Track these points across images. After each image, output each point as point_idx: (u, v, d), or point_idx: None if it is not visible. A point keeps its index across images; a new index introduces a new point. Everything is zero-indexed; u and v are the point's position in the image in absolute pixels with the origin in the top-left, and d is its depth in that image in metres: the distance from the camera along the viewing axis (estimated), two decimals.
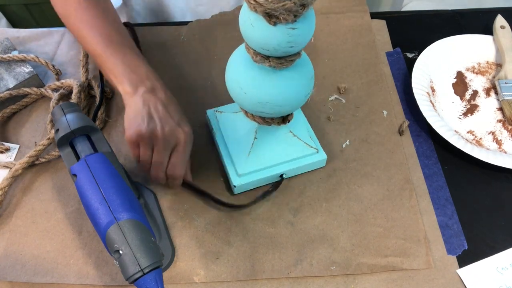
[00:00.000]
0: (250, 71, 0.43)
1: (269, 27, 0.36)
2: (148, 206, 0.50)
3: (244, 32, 0.40)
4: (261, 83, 0.42)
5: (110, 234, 0.36)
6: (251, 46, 0.40)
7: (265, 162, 0.51)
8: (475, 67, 0.65)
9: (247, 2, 0.36)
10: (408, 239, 0.48)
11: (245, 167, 0.50)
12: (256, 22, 0.37)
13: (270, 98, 0.43)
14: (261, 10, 0.35)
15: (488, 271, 0.46)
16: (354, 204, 0.51)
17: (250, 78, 0.43)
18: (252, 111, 0.47)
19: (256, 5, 0.35)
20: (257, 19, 0.37)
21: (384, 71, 0.64)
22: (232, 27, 0.69)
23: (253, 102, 0.44)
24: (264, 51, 0.39)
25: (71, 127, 0.40)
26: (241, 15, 0.39)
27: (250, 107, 0.45)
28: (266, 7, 0.35)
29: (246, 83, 0.43)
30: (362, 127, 0.58)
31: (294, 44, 0.38)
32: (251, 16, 0.37)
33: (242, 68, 0.44)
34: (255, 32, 0.38)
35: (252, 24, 0.37)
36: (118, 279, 0.46)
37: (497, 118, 0.59)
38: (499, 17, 0.67)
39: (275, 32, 0.37)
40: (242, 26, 0.39)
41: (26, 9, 1.15)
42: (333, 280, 0.46)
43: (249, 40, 0.40)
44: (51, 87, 0.61)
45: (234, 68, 0.45)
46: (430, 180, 0.53)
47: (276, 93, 0.43)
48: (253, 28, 0.38)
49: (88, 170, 0.38)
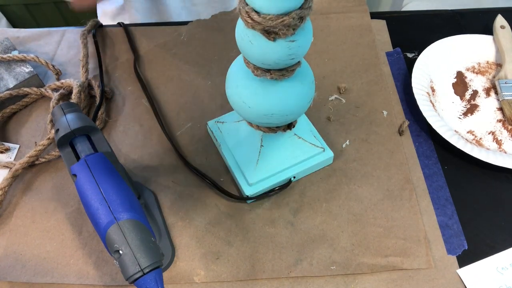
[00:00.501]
0: (252, 85, 0.42)
1: (269, 43, 0.36)
2: (148, 206, 0.50)
3: (242, 49, 0.39)
4: (265, 95, 0.42)
5: (110, 234, 0.36)
6: (251, 61, 0.40)
7: (274, 168, 0.50)
8: (475, 67, 0.65)
9: (244, 20, 0.35)
10: (408, 239, 0.48)
11: (255, 176, 0.50)
12: (255, 39, 0.36)
13: (276, 109, 0.42)
14: (260, 28, 0.35)
15: (488, 271, 0.46)
16: (354, 204, 0.51)
17: (253, 92, 0.42)
18: (258, 122, 0.46)
19: (254, 24, 0.35)
20: (255, 35, 0.36)
21: (384, 71, 0.64)
22: (233, 27, 0.69)
23: (259, 115, 0.43)
24: (265, 65, 0.39)
25: (71, 127, 0.40)
26: (237, 32, 0.39)
27: (256, 119, 0.45)
28: (265, 25, 0.34)
29: (249, 97, 0.42)
30: (362, 127, 0.58)
31: (295, 56, 0.38)
32: (249, 33, 0.37)
33: (242, 82, 0.43)
34: (254, 49, 0.37)
35: (250, 41, 0.37)
36: (118, 279, 0.46)
37: (497, 118, 0.59)
38: (499, 17, 0.67)
39: (275, 47, 0.36)
40: (240, 43, 0.39)
41: (26, 9, 1.15)
42: (333, 280, 0.46)
43: (248, 56, 0.39)
44: (51, 87, 0.61)
45: (235, 83, 0.44)
46: (430, 180, 0.53)
47: (281, 103, 0.42)
48: (252, 45, 0.37)
49: (88, 170, 0.38)
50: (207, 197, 0.51)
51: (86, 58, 0.64)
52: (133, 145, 0.56)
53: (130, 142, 0.57)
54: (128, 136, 0.57)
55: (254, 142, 0.51)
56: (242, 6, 0.35)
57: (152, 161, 0.55)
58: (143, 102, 0.61)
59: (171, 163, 0.54)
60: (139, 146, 0.56)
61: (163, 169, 0.54)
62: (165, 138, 0.56)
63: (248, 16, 0.35)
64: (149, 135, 0.57)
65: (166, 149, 0.56)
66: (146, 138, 0.57)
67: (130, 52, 0.67)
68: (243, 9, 0.35)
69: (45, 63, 0.61)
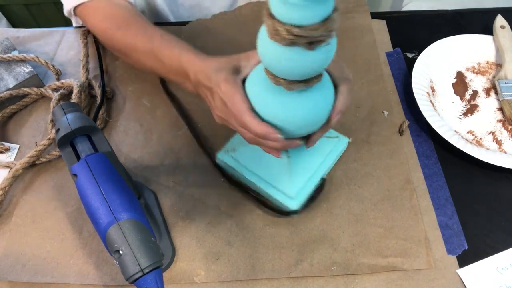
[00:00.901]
0: (281, 100, 0.40)
1: (309, 53, 0.34)
2: (148, 206, 0.50)
3: (278, 69, 0.37)
4: (298, 107, 0.40)
5: (110, 234, 0.36)
6: (287, 78, 0.37)
7: (306, 174, 0.50)
8: (475, 67, 0.65)
9: (282, 39, 0.33)
10: (408, 239, 0.48)
11: (293, 188, 0.49)
12: (295, 56, 0.34)
13: (312, 118, 0.41)
14: (304, 41, 0.33)
15: (488, 271, 0.46)
16: (354, 204, 0.51)
17: (283, 107, 0.40)
18: (292, 135, 0.43)
19: (295, 39, 0.33)
20: (293, 51, 0.34)
21: (384, 71, 0.64)
22: (233, 27, 0.69)
23: (294, 128, 0.41)
24: (302, 77, 0.37)
25: (71, 127, 0.40)
26: (269, 56, 0.36)
27: (289, 134, 0.42)
28: (310, 36, 0.33)
29: (282, 114, 0.40)
30: (363, 127, 0.58)
31: (330, 59, 0.37)
32: (287, 51, 0.34)
33: (271, 99, 0.40)
34: (295, 65, 0.35)
35: (290, 59, 0.35)
36: (118, 279, 0.46)
37: (497, 118, 0.59)
38: (499, 17, 0.67)
39: (316, 56, 0.35)
40: (276, 64, 0.36)
41: (26, 9, 1.15)
42: (333, 280, 0.46)
43: (287, 74, 0.37)
44: (51, 87, 0.61)
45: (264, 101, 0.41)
46: (430, 180, 0.53)
47: (314, 110, 0.41)
48: (293, 61, 0.35)
49: (88, 170, 0.38)
50: (207, 197, 0.51)
51: (87, 58, 0.64)
52: (133, 145, 0.56)
53: (131, 142, 0.57)
54: (129, 136, 0.57)
55: (282, 155, 0.48)
56: (278, 27, 0.33)
57: (153, 161, 0.55)
58: (144, 102, 0.61)
59: (171, 163, 0.54)
60: (139, 146, 0.56)
61: (164, 169, 0.54)
62: (165, 138, 0.56)
63: (289, 33, 0.32)
64: (150, 135, 0.57)
65: (166, 149, 0.56)
66: (147, 138, 0.57)
67: None
68: (281, 29, 0.32)
69: (45, 63, 0.61)
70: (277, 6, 0.32)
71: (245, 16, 0.71)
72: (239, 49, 0.45)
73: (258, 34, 0.37)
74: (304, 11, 0.31)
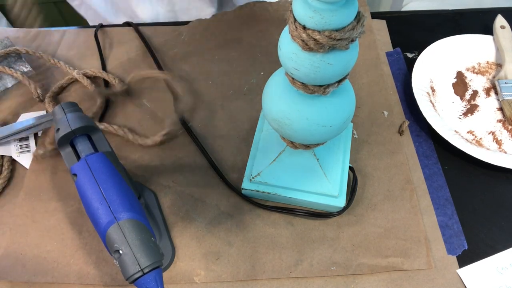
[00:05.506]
0: (309, 103, 0.40)
1: (345, 53, 0.34)
2: (148, 206, 0.50)
3: (313, 77, 0.36)
4: (323, 109, 0.40)
5: (110, 234, 0.36)
6: (324, 83, 0.37)
7: (337, 168, 0.49)
8: (475, 67, 0.65)
9: (321, 47, 0.33)
10: (408, 239, 0.48)
11: (334, 186, 0.48)
12: (334, 60, 0.34)
13: (335, 119, 0.41)
14: (343, 44, 0.33)
15: (488, 271, 0.46)
16: (354, 204, 0.51)
17: (312, 110, 0.40)
18: (315, 141, 0.43)
19: (336, 43, 0.32)
20: (331, 55, 0.34)
21: (384, 71, 0.64)
22: (233, 27, 0.69)
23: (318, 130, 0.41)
24: (340, 77, 0.37)
25: (71, 127, 0.40)
26: (305, 66, 0.35)
27: (316, 138, 0.42)
28: (350, 37, 0.32)
29: (312, 117, 0.40)
30: (363, 127, 0.58)
31: (358, 51, 0.36)
32: (325, 58, 0.34)
33: (295, 107, 0.40)
34: (334, 70, 0.35)
35: (330, 63, 0.34)
36: (118, 279, 0.46)
37: (497, 118, 0.59)
38: (499, 17, 0.67)
39: (350, 53, 0.35)
40: (312, 74, 0.35)
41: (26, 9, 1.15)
42: (333, 280, 0.46)
43: (324, 79, 0.36)
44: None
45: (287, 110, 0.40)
46: (430, 180, 0.53)
47: (339, 113, 0.41)
48: (332, 66, 0.35)
49: (88, 169, 0.38)
50: (207, 197, 0.51)
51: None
52: (133, 145, 0.56)
53: (131, 142, 0.57)
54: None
55: (309, 160, 0.48)
56: (316, 36, 0.32)
57: (153, 161, 0.55)
58: (144, 102, 0.61)
59: (171, 163, 0.54)
60: (139, 146, 0.56)
61: (164, 169, 0.54)
62: None
63: (330, 38, 0.32)
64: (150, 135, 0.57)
65: (166, 149, 0.56)
66: None
67: (130, 51, 0.67)
68: (321, 35, 0.32)
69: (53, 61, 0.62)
70: (309, 17, 0.32)
71: (245, 16, 0.71)
72: (239, 49, 0.45)
73: (282, 58, 0.36)
74: (339, 14, 0.31)
